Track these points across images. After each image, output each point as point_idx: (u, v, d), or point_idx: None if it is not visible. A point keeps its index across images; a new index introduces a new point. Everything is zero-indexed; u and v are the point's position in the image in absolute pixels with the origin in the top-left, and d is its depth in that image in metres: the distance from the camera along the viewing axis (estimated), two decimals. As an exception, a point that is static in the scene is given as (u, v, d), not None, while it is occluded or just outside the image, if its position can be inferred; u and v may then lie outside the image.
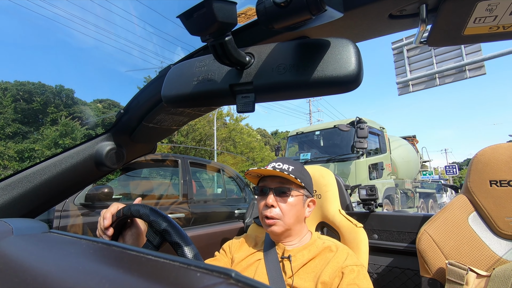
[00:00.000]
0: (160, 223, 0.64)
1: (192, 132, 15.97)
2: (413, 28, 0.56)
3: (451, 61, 6.87)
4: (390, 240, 1.33)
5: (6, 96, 25.17)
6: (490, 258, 0.85)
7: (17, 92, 25.40)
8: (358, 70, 0.42)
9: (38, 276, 0.30)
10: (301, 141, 8.04)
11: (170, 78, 0.56)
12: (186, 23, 0.41)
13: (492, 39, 0.55)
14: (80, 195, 2.59)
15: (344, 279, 0.79)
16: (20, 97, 25.27)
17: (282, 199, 0.91)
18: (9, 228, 0.53)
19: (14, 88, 25.66)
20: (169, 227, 0.64)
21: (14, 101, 25.27)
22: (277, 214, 0.90)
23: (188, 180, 3.52)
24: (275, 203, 0.90)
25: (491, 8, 0.47)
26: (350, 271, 0.80)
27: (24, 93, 25.46)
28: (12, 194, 0.71)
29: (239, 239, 1.05)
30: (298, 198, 0.93)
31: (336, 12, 0.40)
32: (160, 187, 3.75)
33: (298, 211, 0.92)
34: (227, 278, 0.24)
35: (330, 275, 0.81)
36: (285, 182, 0.92)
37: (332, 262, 0.84)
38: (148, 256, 0.33)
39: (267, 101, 0.51)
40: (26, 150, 20.70)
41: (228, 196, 4.32)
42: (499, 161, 0.89)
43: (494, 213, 0.87)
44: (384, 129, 7.82)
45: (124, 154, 0.87)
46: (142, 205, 0.68)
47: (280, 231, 0.90)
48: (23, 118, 25.35)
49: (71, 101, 27.82)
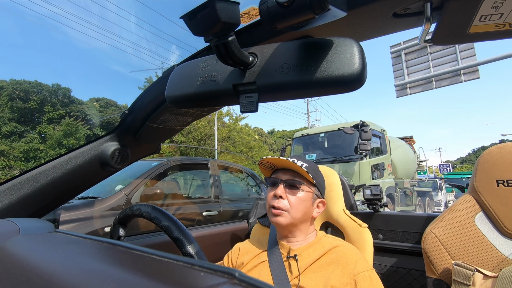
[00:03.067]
0: (162, 219, 0.65)
1: (193, 132, 16.21)
2: (418, 26, 0.56)
3: (447, 65, 7.27)
4: (395, 240, 1.32)
5: (2, 95, 25.16)
6: (497, 258, 0.84)
7: (13, 91, 25.34)
8: (362, 69, 0.42)
9: (44, 275, 0.30)
10: (306, 142, 8.37)
11: (174, 78, 0.56)
12: (190, 24, 0.41)
13: (498, 37, 0.54)
14: (135, 195, 2.85)
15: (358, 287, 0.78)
16: (16, 96, 25.21)
17: (292, 191, 0.90)
18: (16, 227, 0.54)
19: (10, 87, 25.63)
20: (171, 224, 0.65)
21: (10, 100, 25.24)
22: (285, 205, 0.89)
23: (217, 181, 3.81)
24: (283, 195, 0.90)
25: (497, 6, 0.47)
26: (363, 278, 0.79)
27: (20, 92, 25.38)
28: (19, 194, 0.72)
29: (239, 247, 1.03)
30: (308, 195, 0.92)
31: (340, 11, 0.40)
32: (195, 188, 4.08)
33: (306, 207, 0.91)
34: (231, 278, 0.24)
35: (341, 281, 0.80)
36: (297, 176, 0.92)
37: (342, 266, 0.82)
38: (152, 256, 0.33)
39: (271, 101, 0.51)
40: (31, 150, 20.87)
41: (250, 194, 4.63)
42: (506, 161, 0.88)
43: (501, 213, 0.86)
44: (385, 131, 8.22)
45: (129, 154, 0.87)
46: (144, 204, 0.69)
47: (285, 223, 0.89)
48: (19, 117, 25.31)
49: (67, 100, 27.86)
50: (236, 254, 1.01)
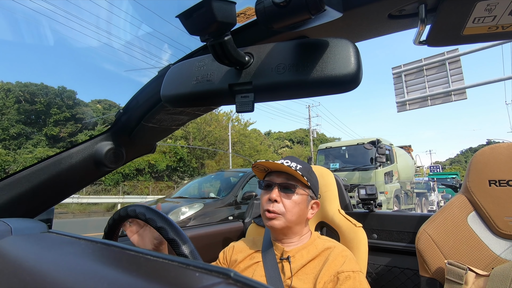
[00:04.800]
0: (156, 221, 0.65)
1: (209, 136, 19.40)
2: (412, 28, 0.56)
3: (440, 87, 8.65)
4: (389, 239, 1.33)
5: (8, 97, 25.45)
6: (489, 257, 0.85)
7: (21, 93, 25.74)
8: (357, 70, 0.42)
9: (36, 276, 0.30)
10: (329, 153, 10.55)
11: (169, 77, 0.56)
12: (186, 23, 0.41)
13: (491, 39, 0.55)
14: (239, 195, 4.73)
15: (339, 286, 0.77)
16: (22, 98, 25.52)
17: (287, 195, 0.89)
18: (8, 228, 0.53)
19: (17, 89, 25.97)
20: (166, 225, 0.65)
21: (17, 102, 25.55)
22: (280, 209, 0.88)
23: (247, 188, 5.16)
24: (278, 198, 0.89)
25: (490, 8, 0.47)
26: (346, 277, 0.78)
27: (26, 95, 25.80)
28: (11, 194, 0.71)
29: (234, 245, 1.03)
30: (302, 197, 0.91)
31: (336, 12, 0.40)
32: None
33: (301, 210, 0.90)
34: (226, 278, 0.24)
35: (326, 278, 0.80)
36: (291, 179, 0.91)
37: (330, 264, 0.82)
38: (147, 256, 0.33)
39: (266, 101, 0.51)
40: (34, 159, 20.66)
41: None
42: (498, 161, 0.89)
43: (493, 212, 0.87)
44: (392, 145, 10.39)
45: (124, 154, 0.87)
46: (138, 205, 0.69)
47: (280, 226, 0.88)
48: (26, 119, 25.70)
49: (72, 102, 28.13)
50: (230, 251, 1.01)
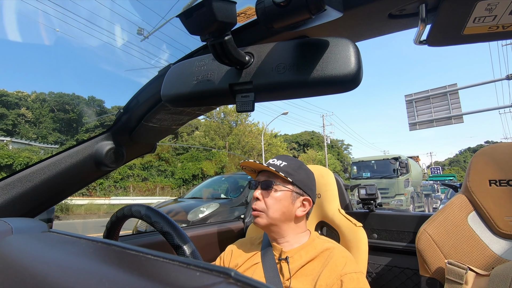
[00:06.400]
0: (162, 224, 0.65)
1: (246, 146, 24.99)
2: (413, 27, 0.56)
3: (442, 112, 11.38)
4: (389, 239, 1.33)
5: (43, 107, 27.62)
6: (489, 257, 0.85)
7: (56, 103, 27.94)
8: (358, 70, 0.42)
9: (37, 275, 0.30)
10: (360, 165, 14.70)
11: (170, 77, 0.56)
12: (186, 23, 0.41)
13: (491, 39, 0.55)
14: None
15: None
16: (57, 108, 27.69)
17: (267, 192, 0.91)
18: (9, 227, 0.53)
19: (52, 99, 28.28)
20: (170, 228, 0.65)
21: (51, 111, 27.73)
22: (261, 207, 0.90)
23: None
24: (260, 196, 0.91)
25: (491, 8, 0.47)
26: (350, 279, 0.79)
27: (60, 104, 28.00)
28: (11, 193, 0.71)
29: (232, 249, 1.03)
30: (285, 194, 0.91)
31: (336, 12, 0.40)
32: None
33: (284, 206, 0.90)
34: (227, 278, 0.24)
35: (328, 281, 0.79)
36: (271, 176, 0.93)
37: (330, 267, 0.82)
38: (147, 255, 0.33)
39: (267, 100, 0.51)
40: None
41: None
42: (498, 161, 0.89)
43: (494, 212, 0.87)
44: (408, 158, 14.50)
45: (124, 153, 0.87)
46: (141, 205, 0.69)
47: (264, 223, 0.90)
48: (60, 127, 28.05)
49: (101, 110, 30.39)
50: (228, 257, 1.00)
